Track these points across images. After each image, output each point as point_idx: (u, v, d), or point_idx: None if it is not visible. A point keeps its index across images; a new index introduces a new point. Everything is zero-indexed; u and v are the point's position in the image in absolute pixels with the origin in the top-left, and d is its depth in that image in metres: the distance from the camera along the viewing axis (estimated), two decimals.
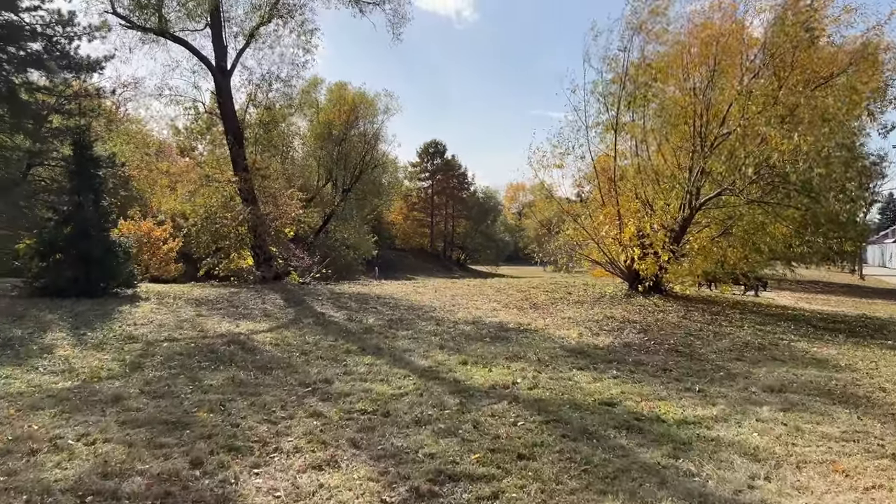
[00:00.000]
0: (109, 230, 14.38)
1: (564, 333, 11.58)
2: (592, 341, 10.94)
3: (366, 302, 14.96)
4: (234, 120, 20.36)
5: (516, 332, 11.65)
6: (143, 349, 8.95)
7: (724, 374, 8.65)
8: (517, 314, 13.83)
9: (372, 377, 7.79)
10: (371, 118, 44.74)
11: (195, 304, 13.53)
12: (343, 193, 44.84)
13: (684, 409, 6.72)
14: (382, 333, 11.12)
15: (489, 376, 8.00)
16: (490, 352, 9.68)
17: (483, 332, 11.45)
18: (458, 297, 16.60)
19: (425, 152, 74.39)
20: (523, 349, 9.94)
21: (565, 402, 6.77)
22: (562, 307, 14.90)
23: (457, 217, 75.01)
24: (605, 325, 12.46)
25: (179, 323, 11.24)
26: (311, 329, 11.29)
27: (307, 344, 9.94)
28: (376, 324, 12.08)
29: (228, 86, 20.38)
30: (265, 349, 9.42)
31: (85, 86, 25.34)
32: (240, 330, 10.92)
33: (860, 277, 42.04)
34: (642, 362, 9.36)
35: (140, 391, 6.78)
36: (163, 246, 28.61)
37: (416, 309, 14.18)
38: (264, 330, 11.07)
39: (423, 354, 9.36)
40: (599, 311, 14.21)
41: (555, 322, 12.79)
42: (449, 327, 11.94)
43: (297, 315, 12.87)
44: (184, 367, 8.07)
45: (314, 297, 15.39)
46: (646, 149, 17.09)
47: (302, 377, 7.72)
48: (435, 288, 18.69)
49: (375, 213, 58.80)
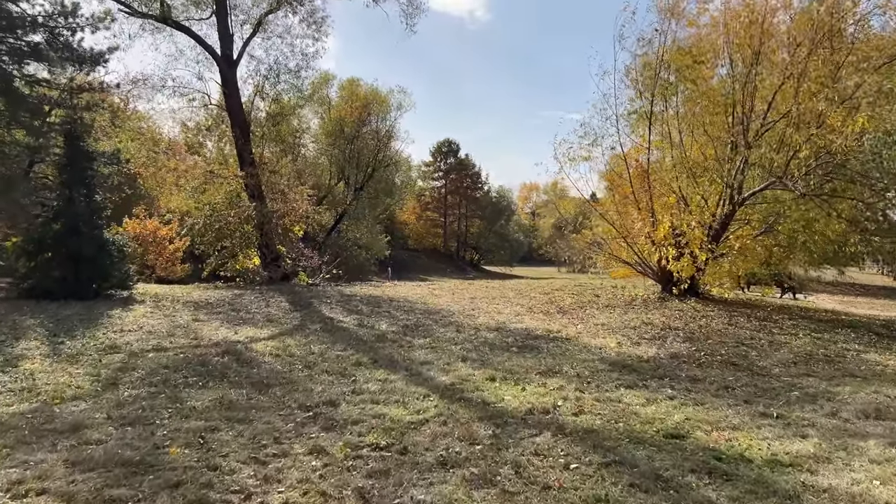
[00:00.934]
0: (103, 227, 13.33)
1: (601, 342, 10.30)
2: (634, 352, 9.65)
3: (378, 305, 13.78)
4: (241, 112, 19.32)
5: (546, 340, 10.39)
6: (123, 361, 7.83)
7: (799, 395, 7.32)
8: (544, 319, 12.57)
9: (385, 397, 6.59)
10: (383, 115, 43.64)
11: (193, 308, 12.44)
12: (355, 192, 43.77)
13: (770, 443, 5.44)
14: (397, 342, 9.93)
15: (523, 397, 6.76)
16: (520, 365, 8.43)
17: (509, 341, 10.20)
18: (477, 299, 15.37)
19: (438, 151, 73.18)
20: (557, 362, 8.68)
21: (622, 435, 5.51)
22: (592, 312, 13.60)
23: (470, 217, 73.68)
24: (644, 333, 11.15)
25: (172, 329, 10.13)
26: (317, 336, 10.13)
27: (312, 354, 8.77)
28: (390, 330, 10.89)
29: (235, 77, 19.35)
30: (264, 361, 8.26)
31: (88, 79, 24.53)
32: (238, 338, 9.78)
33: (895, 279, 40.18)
34: (697, 378, 8.07)
35: (107, 416, 5.64)
36: (169, 245, 27.71)
37: (432, 313, 12.98)
38: (265, 337, 9.92)
39: (444, 368, 8.14)
40: (634, 316, 12.90)
41: (588, 329, 11.50)
42: (470, 334, 10.72)
43: (302, 320, 11.71)
44: (167, 383, 6.92)
45: (322, 300, 14.25)
46: (680, 140, 15.73)
47: (303, 397, 6.54)
48: (452, 290, 17.48)
49: (388, 213, 57.73)
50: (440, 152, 73.28)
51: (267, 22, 19.66)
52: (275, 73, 19.93)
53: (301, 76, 20.25)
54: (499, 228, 74.22)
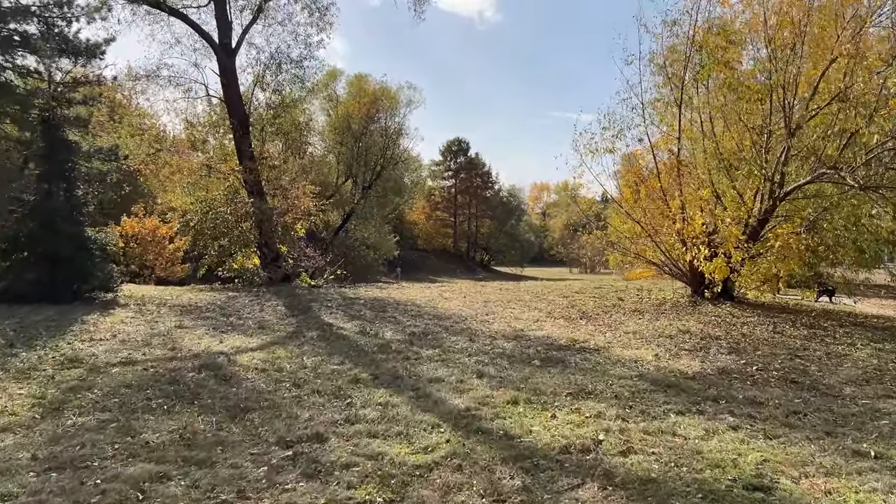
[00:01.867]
0: (84, 224, 12.23)
1: (635, 354, 9.01)
2: (675, 366, 8.36)
3: (383, 310, 12.58)
4: (239, 103, 18.23)
5: (572, 351, 9.13)
6: (80, 379, 6.68)
7: (891, 424, 6.01)
8: (567, 326, 11.30)
9: (386, 428, 5.37)
10: (392, 111, 42.52)
11: (180, 312, 11.30)
12: (363, 191, 42.69)
13: (886, 499, 4.16)
14: (402, 353, 8.70)
15: (555, 428, 5.51)
16: (545, 383, 7.18)
17: (530, 353, 8.95)
18: (491, 303, 14.12)
19: (448, 150, 71.97)
20: (589, 379, 7.42)
21: (690, 486, 4.25)
22: (619, 317, 12.31)
23: (480, 217, 72.35)
24: (682, 343, 9.85)
25: (148, 338, 8.98)
26: (312, 347, 8.93)
27: (304, 369, 7.58)
28: (395, 339, 9.68)
29: (233, 66, 18.27)
30: (246, 378, 7.07)
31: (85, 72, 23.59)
32: (222, 348, 8.60)
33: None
34: (758, 400, 6.77)
35: (32, 457, 4.47)
36: (168, 245, 26.72)
37: (443, 319, 11.75)
38: (253, 348, 8.74)
39: (457, 387, 6.91)
40: (667, 322, 11.60)
41: (618, 338, 10.22)
42: (485, 344, 9.48)
43: (298, 327, 10.53)
44: (123, 408, 5.75)
45: (323, 304, 13.07)
46: (712, 129, 14.39)
47: (284, 428, 5.34)
48: (463, 292, 16.24)
49: (397, 212, 56.61)
50: (450, 151, 72.07)
51: (268, 8, 18.57)
52: (276, 62, 18.82)
53: (304, 66, 19.14)
54: (509, 229, 72.83)
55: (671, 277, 16.59)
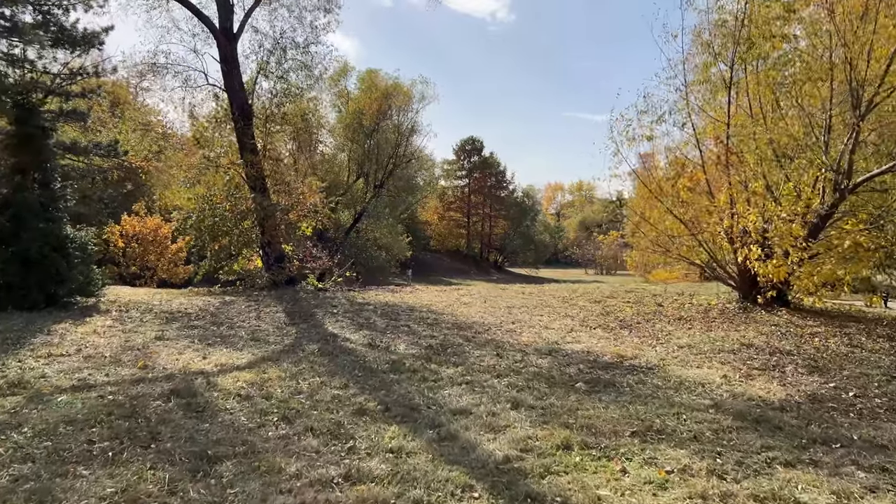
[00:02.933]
0: (61, 221, 10.91)
1: (699, 375, 7.48)
2: (753, 391, 6.81)
3: (395, 317, 11.14)
4: (241, 92, 16.88)
5: (622, 371, 7.61)
6: (13, 410, 5.30)
7: None
8: (607, 338, 9.78)
9: (399, 492, 3.91)
10: (404, 107, 41.05)
11: (165, 320, 9.96)
12: (375, 189, 41.28)
13: None
14: (418, 372, 7.25)
15: (630, 492, 4.02)
16: (600, 416, 5.68)
17: (571, 372, 7.45)
18: (515, 309, 12.64)
19: (462, 149, 70.41)
20: (653, 410, 5.91)
21: None
22: (663, 327, 10.77)
23: (494, 217, 70.67)
24: (750, 360, 8.29)
25: (119, 353, 7.61)
26: (311, 364, 7.50)
27: (298, 395, 6.15)
28: (409, 354, 8.23)
29: (235, 52, 16.93)
30: (225, 408, 5.65)
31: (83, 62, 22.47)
32: (203, 365, 7.21)
33: None
34: (878, 442, 5.21)
35: None
36: (171, 245, 25.51)
37: (463, 328, 10.29)
38: (241, 365, 7.33)
39: (489, 422, 5.43)
40: (722, 333, 10.03)
41: (671, 353, 8.68)
42: (516, 360, 8.00)
43: (297, 338, 9.12)
44: (52, 457, 4.35)
45: (328, 310, 11.66)
46: (763, 114, 12.78)
47: (260, 492, 3.91)
48: (483, 296, 14.76)
49: (409, 212, 55.19)
50: (463, 150, 70.51)
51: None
52: (281, 47, 17.46)
53: (310, 52, 17.78)
54: (524, 229, 71.08)
55: (704, 280, 15.03)
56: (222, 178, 16.08)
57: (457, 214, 69.71)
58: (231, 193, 15.60)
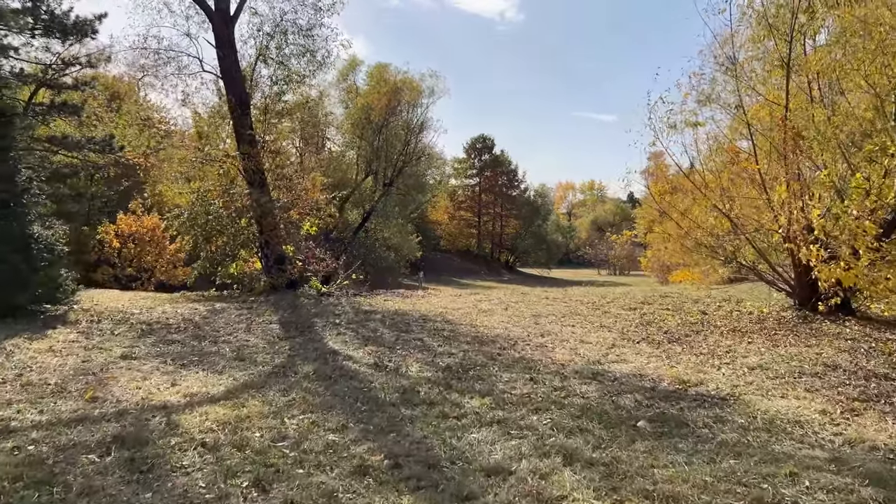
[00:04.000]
0: (25, 218, 9.54)
1: (788, 409, 5.93)
2: (869, 433, 5.26)
3: (406, 328, 9.68)
4: (238, 78, 15.50)
5: (688, 402, 6.09)
6: None
7: None
8: (657, 355, 8.25)
9: None
10: (414, 102, 39.61)
11: (140, 334, 8.56)
12: (384, 188, 39.88)
13: None
14: (436, 405, 5.78)
15: None
16: (685, 478, 4.16)
17: (627, 404, 5.94)
18: (542, 317, 11.14)
19: (472, 148, 68.93)
20: (752, 468, 4.38)
21: None
22: (718, 340, 9.23)
23: (505, 217, 69.06)
24: (842, 387, 6.72)
25: (69, 379, 6.21)
26: (303, 393, 6.05)
27: (280, 443, 4.69)
28: (423, 378, 6.76)
29: (232, 35, 15.55)
30: (181, 465, 4.21)
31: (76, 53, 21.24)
32: (169, 396, 5.79)
33: None
34: None
35: None
36: (169, 246, 24.25)
37: (485, 342, 8.80)
38: (217, 395, 5.90)
39: (537, 492, 3.92)
40: (794, 350, 8.47)
41: (743, 377, 7.13)
42: (554, 387, 6.50)
43: (291, 356, 7.68)
44: None
45: (330, 319, 10.23)
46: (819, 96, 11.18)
47: None
48: (503, 302, 13.26)
49: (419, 212, 53.77)
50: (474, 149, 69.02)
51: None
52: (281, 31, 16.05)
53: (313, 36, 16.35)
54: (536, 229, 69.41)
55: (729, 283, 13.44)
56: (216, 172, 14.71)
57: (467, 214, 68.26)
58: (226, 189, 14.23)
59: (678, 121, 11.61)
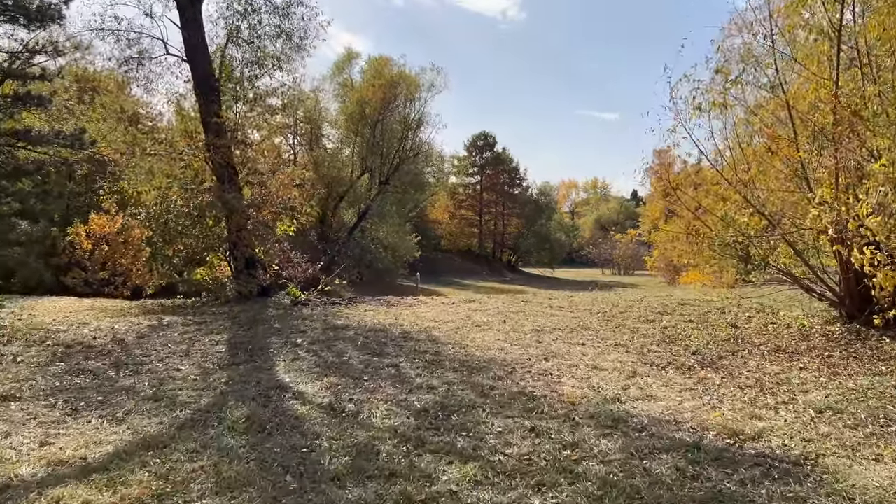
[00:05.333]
0: None
1: (892, 479, 4.24)
2: None
3: (381, 349, 7.99)
4: (205, 62, 13.87)
5: (748, 468, 4.39)
6: None
7: None
8: (690, 388, 6.54)
9: None
10: (411, 96, 37.87)
11: (47, 361, 6.90)
12: (380, 185, 38.18)
13: None
14: (398, 478, 4.09)
15: None
16: None
17: (664, 474, 4.25)
18: (545, 333, 9.44)
19: (473, 145, 67.22)
20: None
21: None
22: (763, 365, 7.51)
23: (508, 215, 67.29)
24: None
25: None
26: (218, 457, 4.37)
27: None
28: (389, 427, 5.08)
29: (199, 14, 13.92)
30: None
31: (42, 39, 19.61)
32: (27, 465, 4.12)
33: None
34: None
35: None
36: (145, 248, 22.57)
37: (476, 369, 7.11)
38: (95, 463, 4.22)
39: None
40: (864, 382, 6.73)
41: (810, 424, 5.42)
42: (563, 443, 4.81)
43: (223, 394, 6.00)
44: None
45: (291, 338, 8.54)
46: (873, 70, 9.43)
47: None
48: (501, 312, 11.56)
49: (418, 211, 52.05)
50: (475, 146, 67.29)
51: None
52: (254, 10, 14.37)
53: (291, 15, 14.66)
54: (538, 228, 67.59)
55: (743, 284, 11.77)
56: (179, 165, 13.05)
57: (468, 213, 66.53)
58: (186, 184, 12.57)
59: (704, 101, 9.86)
